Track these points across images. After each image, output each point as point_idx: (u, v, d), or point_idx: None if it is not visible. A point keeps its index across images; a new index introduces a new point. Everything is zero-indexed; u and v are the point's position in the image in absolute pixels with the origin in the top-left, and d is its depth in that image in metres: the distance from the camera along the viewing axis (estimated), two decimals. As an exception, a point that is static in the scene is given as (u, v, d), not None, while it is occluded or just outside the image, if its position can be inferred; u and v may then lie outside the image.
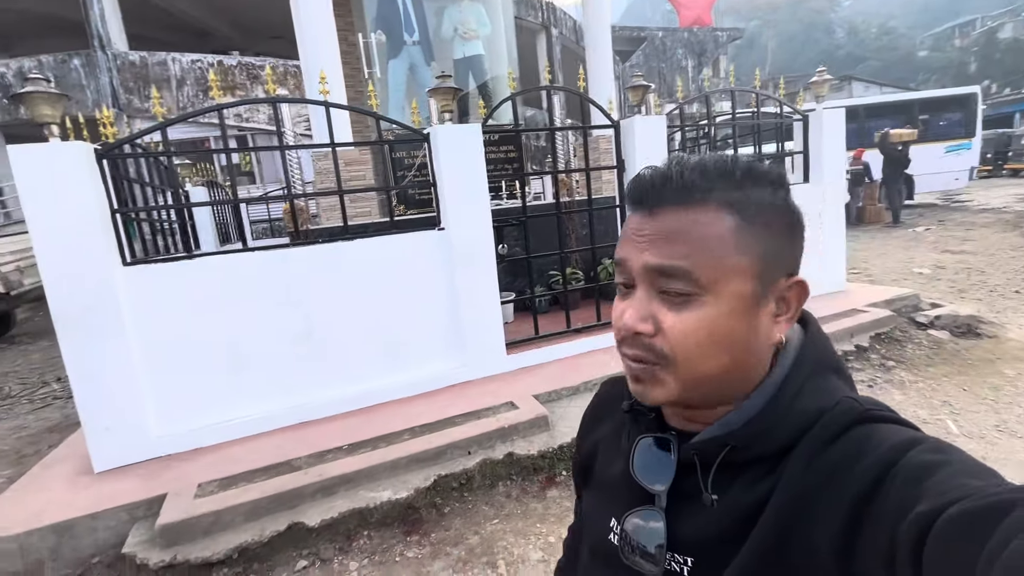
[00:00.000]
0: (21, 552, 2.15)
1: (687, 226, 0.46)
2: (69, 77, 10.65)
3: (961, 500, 0.32)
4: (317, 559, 2.18)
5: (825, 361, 0.50)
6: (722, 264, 0.45)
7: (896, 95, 14.10)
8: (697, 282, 0.45)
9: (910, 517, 0.34)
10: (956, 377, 3.27)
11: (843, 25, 53.11)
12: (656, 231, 0.46)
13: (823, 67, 4.40)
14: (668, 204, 0.47)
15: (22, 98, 2.38)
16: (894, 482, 0.37)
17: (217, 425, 2.80)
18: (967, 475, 0.35)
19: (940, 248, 7.32)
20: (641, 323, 0.47)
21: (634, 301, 0.48)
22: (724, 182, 0.46)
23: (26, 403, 4.99)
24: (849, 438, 0.42)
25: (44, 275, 2.40)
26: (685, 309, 0.45)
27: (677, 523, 0.49)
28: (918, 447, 0.39)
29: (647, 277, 0.47)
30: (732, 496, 0.46)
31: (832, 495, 0.40)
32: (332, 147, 2.94)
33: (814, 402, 0.46)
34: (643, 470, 0.52)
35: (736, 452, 0.47)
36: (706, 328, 0.45)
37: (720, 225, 0.45)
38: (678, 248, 0.45)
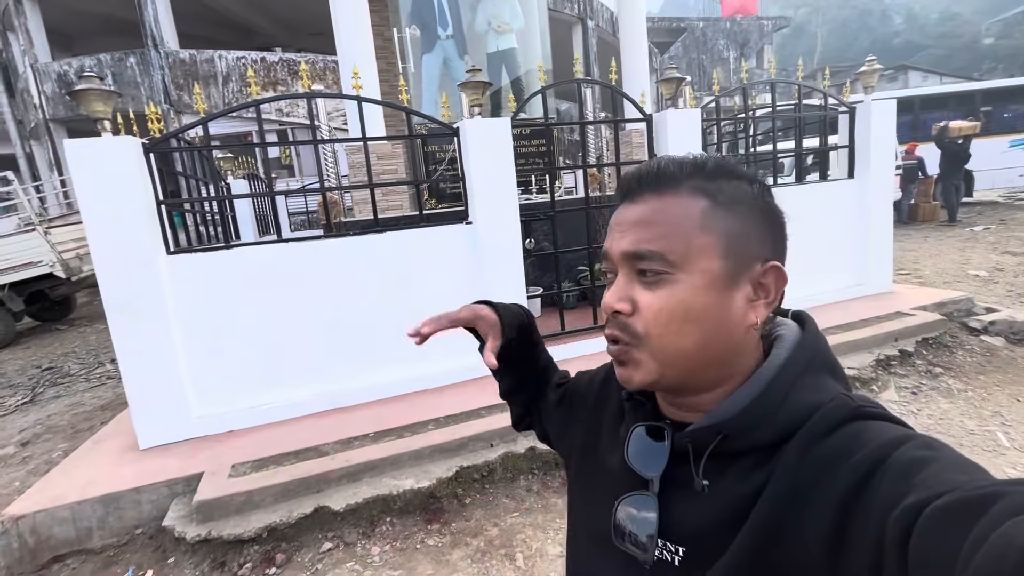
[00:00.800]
0: (73, 519, 2.31)
1: (659, 210, 0.49)
2: (125, 75, 11.23)
3: (946, 493, 0.33)
4: (341, 542, 2.25)
5: (821, 360, 0.50)
6: (690, 242, 0.47)
7: (955, 85, 13.24)
8: (667, 260, 0.47)
9: (898, 510, 0.34)
10: (1009, 387, 3.07)
11: (900, 11, 50.19)
12: (633, 219, 0.50)
13: (873, 56, 4.17)
14: (645, 192, 0.50)
15: (77, 95, 2.53)
16: (883, 477, 0.38)
17: (251, 409, 2.92)
18: (955, 470, 0.36)
19: (1000, 249, 6.85)
20: (619, 302, 0.49)
21: (615, 283, 0.51)
22: (697, 173, 0.50)
23: (83, 382, 5.33)
24: (842, 434, 0.43)
25: (96, 262, 2.56)
26: (658, 287, 0.48)
27: (669, 511, 0.50)
28: (908, 443, 0.39)
29: (625, 262, 0.50)
30: (724, 486, 0.47)
31: (823, 489, 0.41)
32: (364, 141, 2.99)
33: (808, 397, 0.47)
34: (637, 457, 0.54)
35: (729, 441, 0.48)
36: (677, 304, 0.47)
37: (689, 207, 0.48)
38: (650, 231, 0.48)
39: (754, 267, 0.49)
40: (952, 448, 0.39)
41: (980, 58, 39.83)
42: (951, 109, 10.84)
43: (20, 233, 7.05)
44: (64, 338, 7.43)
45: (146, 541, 2.34)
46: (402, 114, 5.84)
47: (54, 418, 4.24)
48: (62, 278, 7.22)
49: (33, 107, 12.54)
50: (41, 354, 6.63)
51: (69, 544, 2.32)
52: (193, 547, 2.21)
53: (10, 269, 6.91)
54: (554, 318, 3.69)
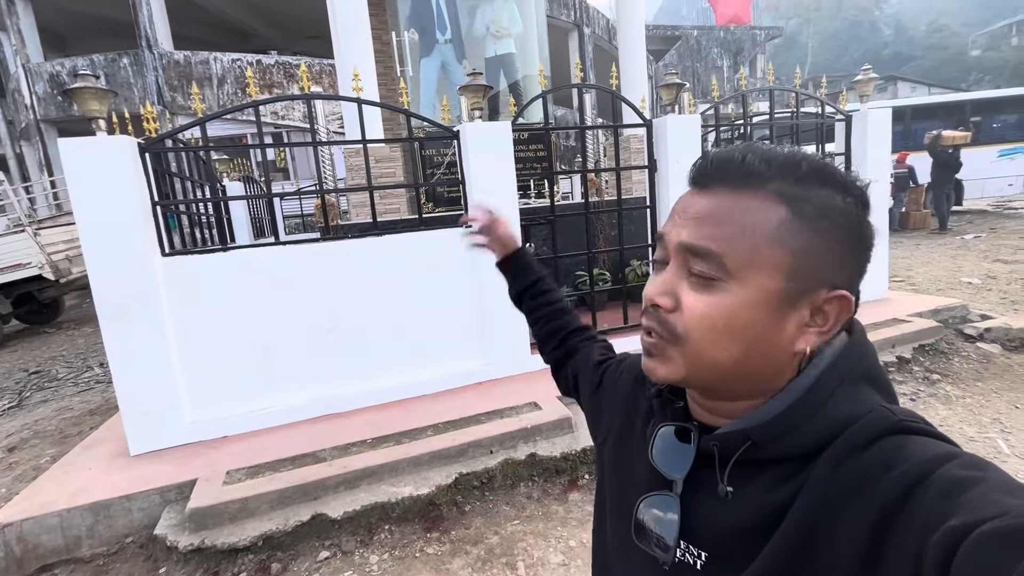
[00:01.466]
0: (62, 528, 2.25)
1: (731, 210, 0.45)
2: (118, 75, 11.14)
3: (996, 518, 0.31)
4: (339, 551, 2.21)
5: (863, 370, 0.47)
6: (755, 253, 0.44)
7: (946, 96, 13.45)
8: (724, 266, 0.44)
9: (940, 531, 0.33)
10: (1007, 393, 3.08)
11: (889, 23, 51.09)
12: (700, 211, 0.46)
13: (868, 65, 4.21)
14: (721, 185, 0.46)
15: (72, 93, 2.49)
16: (925, 495, 0.36)
17: (247, 414, 2.87)
18: (1004, 493, 0.34)
19: (991, 257, 6.93)
20: (661, 296, 0.47)
21: (663, 273, 0.48)
22: (787, 174, 0.44)
23: (71, 386, 5.23)
24: (881, 447, 0.41)
25: (88, 262, 2.51)
26: (707, 292, 0.45)
27: (693, 513, 0.49)
28: (953, 461, 0.37)
29: (679, 254, 0.47)
30: (750, 494, 0.46)
31: (859, 503, 0.39)
32: (363, 143, 2.97)
33: (845, 408, 0.44)
34: (661, 457, 0.52)
35: (757, 449, 0.46)
36: (723, 315, 0.44)
37: (767, 215, 0.44)
38: (715, 230, 0.45)
39: (819, 292, 0.44)
40: (1000, 469, 0.37)
41: (967, 70, 40.57)
42: (942, 119, 10.99)
43: (9, 234, 6.94)
44: (52, 341, 7.30)
45: (136, 550, 2.28)
46: (400, 119, 5.84)
47: (41, 423, 4.15)
48: (51, 280, 7.11)
49: (24, 107, 12.41)
50: (28, 357, 6.51)
51: (57, 553, 2.25)
52: (185, 556, 2.16)
53: (-2, 271, 6.80)
54: (553, 323, 3.66)
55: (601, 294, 4.07)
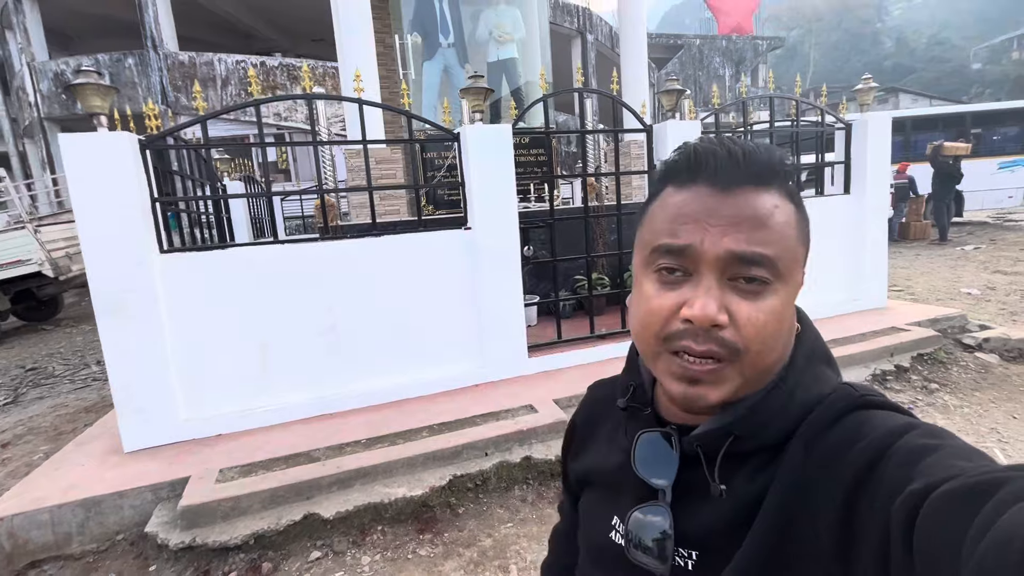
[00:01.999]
0: (52, 524, 2.23)
1: (769, 210, 0.44)
2: (123, 75, 11.19)
3: (951, 479, 0.33)
4: (330, 551, 2.19)
5: (819, 352, 0.50)
6: (794, 252, 0.45)
7: (947, 107, 13.51)
8: (777, 269, 0.44)
9: (903, 495, 0.34)
10: (1005, 404, 3.07)
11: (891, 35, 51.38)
12: (738, 214, 0.44)
13: (868, 75, 4.23)
14: (744, 184, 0.44)
15: (74, 89, 2.49)
16: (888, 464, 0.38)
17: (241, 413, 2.86)
18: (959, 457, 0.36)
19: (991, 268, 6.93)
20: (721, 313, 0.43)
21: (706, 289, 0.44)
22: (781, 168, 0.46)
23: (67, 383, 5.22)
24: (846, 423, 0.43)
25: (86, 258, 2.50)
26: (759, 299, 0.44)
27: (681, 517, 0.49)
28: (913, 431, 0.39)
29: (724, 265, 0.44)
30: (735, 486, 0.46)
31: (830, 479, 0.40)
32: (364, 144, 2.98)
33: (812, 390, 0.46)
34: (644, 465, 0.51)
35: (739, 442, 0.46)
36: (778, 318, 0.44)
37: (789, 212, 0.45)
38: (764, 232, 0.43)
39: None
40: (956, 436, 0.39)
41: (968, 82, 40.76)
42: (942, 130, 11.03)
43: (9, 231, 6.95)
44: (50, 338, 7.29)
45: (127, 548, 2.26)
46: (401, 122, 5.86)
47: (36, 419, 4.13)
48: (50, 277, 7.11)
49: (28, 105, 12.46)
50: (25, 354, 6.50)
51: (47, 549, 2.23)
52: (176, 555, 2.14)
53: (-2, 267, 6.80)
54: (550, 327, 3.66)
55: (599, 298, 4.07)
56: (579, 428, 0.68)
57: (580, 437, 0.68)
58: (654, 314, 0.46)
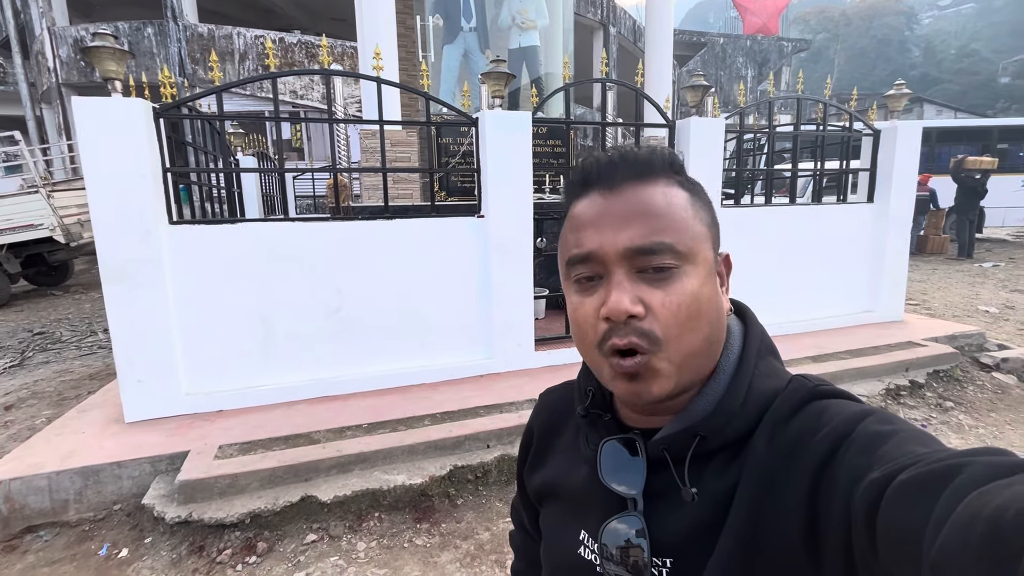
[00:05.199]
0: (50, 490, 2.23)
1: (655, 198, 0.45)
2: (142, 44, 11.16)
3: (910, 467, 0.33)
4: (326, 535, 2.17)
5: (767, 345, 0.51)
6: (692, 231, 0.46)
7: (973, 120, 13.21)
8: (677, 252, 0.44)
9: (863, 484, 0.35)
10: (1021, 427, 2.99)
11: (920, 44, 50.32)
12: (626, 210, 0.45)
13: (901, 80, 4.10)
14: (626, 182, 0.46)
15: (89, 52, 2.45)
16: (848, 451, 0.38)
17: (243, 390, 2.83)
18: (915, 443, 0.36)
19: (1010, 287, 6.78)
20: (635, 305, 0.44)
21: (616, 285, 0.45)
22: (668, 164, 0.48)
23: (74, 349, 5.24)
24: (804, 414, 0.44)
25: (95, 224, 2.47)
26: (668, 284, 0.44)
27: (653, 524, 0.48)
28: (869, 418, 0.40)
29: (626, 259, 0.45)
30: (704, 487, 0.46)
31: (794, 469, 0.41)
32: (380, 124, 2.92)
33: (767, 383, 0.47)
34: (612, 474, 0.50)
35: (703, 442, 0.46)
36: (692, 299, 0.44)
37: (678, 195, 0.47)
38: (654, 222, 0.45)
39: (717, 256, 0.49)
40: (909, 422, 0.40)
41: (995, 96, 39.90)
42: (967, 143, 10.80)
43: (23, 194, 6.97)
44: (58, 304, 7.34)
45: (123, 518, 2.25)
46: (418, 106, 5.78)
47: (41, 384, 4.15)
48: (61, 243, 7.14)
49: (47, 70, 12.45)
50: (34, 318, 6.54)
51: (44, 515, 2.23)
52: (172, 528, 2.12)
53: (10, 230, 6.83)
54: (558, 321, 3.61)
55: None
56: (536, 438, 0.65)
57: (538, 448, 0.65)
58: (582, 323, 0.47)
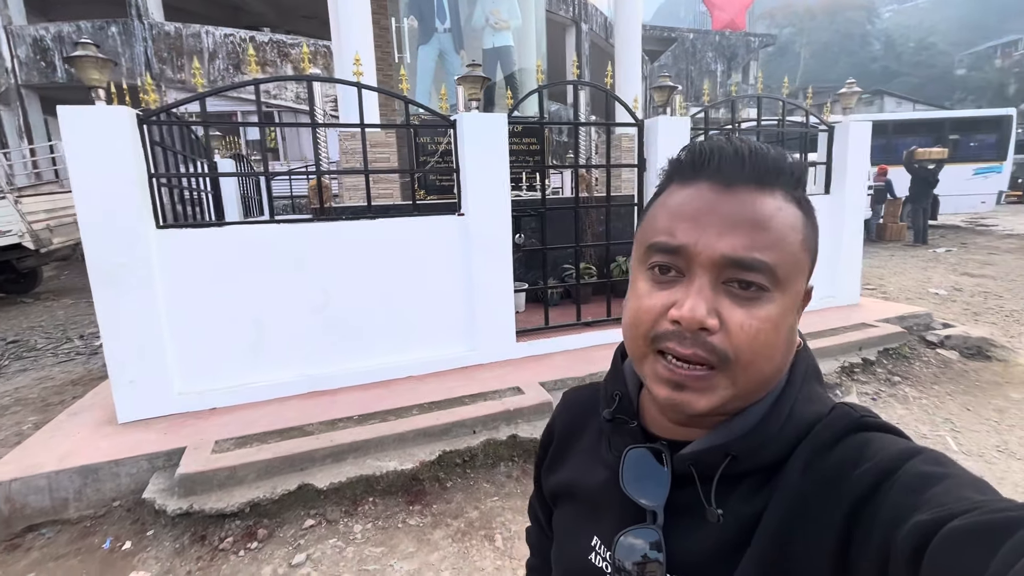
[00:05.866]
0: (50, 489, 2.29)
1: (771, 212, 0.42)
2: (106, 44, 10.86)
3: (966, 513, 0.31)
4: (324, 519, 2.29)
5: (813, 369, 0.49)
6: (796, 260, 0.43)
7: (926, 113, 13.86)
8: (775, 276, 0.41)
9: (908, 526, 0.33)
10: (961, 397, 3.28)
11: (880, 37, 52.03)
12: (736, 213, 0.42)
13: (852, 79, 4.37)
14: (747, 183, 0.42)
15: (73, 61, 2.50)
16: (892, 489, 0.36)
17: (235, 388, 2.92)
18: (969, 488, 0.35)
19: (959, 271, 7.23)
20: (710, 317, 0.41)
21: (697, 290, 0.42)
22: (792, 173, 0.44)
23: (50, 356, 5.19)
24: (847, 445, 0.42)
25: (83, 230, 2.53)
26: (753, 306, 0.41)
27: (672, 541, 0.45)
28: (918, 457, 0.38)
29: (719, 268, 0.42)
30: (730, 509, 0.44)
31: (829, 501, 0.39)
32: (361, 127, 3.02)
33: (809, 409, 0.45)
34: (634, 484, 0.48)
35: (735, 463, 0.44)
36: (773, 327, 0.42)
37: (793, 216, 0.43)
38: (763, 237, 0.41)
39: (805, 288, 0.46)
40: (961, 466, 0.38)
41: (952, 88, 41.61)
42: (922, 135, 11.36)
43: (-11, 201, 6.79)
44: (29, 311, 7.18)
45: (124, 513, 2.33)
46: (395, 105, 5.86)
47: (23, 391, 4.13)
48: (31, 249, 6.99)
49: (4, 71, 12.02)
50: (6, 327, 6.40)
51: (44, 513, 2.29)
52: (173, 520, 2.22)
53: (-24, 237, 6.66)
54: (538, 314, 3.77)
55: (586, 287, 4.19)
56: (556, 438, 0.64)
57: (558, 448, 0.63)
58: (644, 313, 0.44)
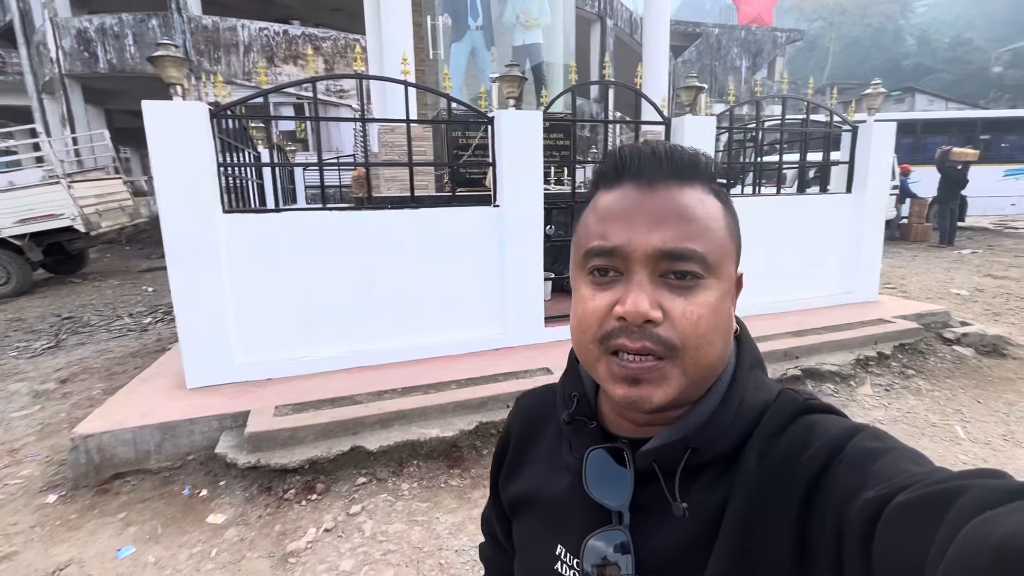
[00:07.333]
0: (134, 442, 2.59)
1: (693, 204, 0.44)
2: (146, 36, 11.30)
3: (908, 487, 0.33)
4: (374, 478, 2.55)
5: (756, 358, 0.50)
6: (723, 245, 0.45)
7: (956, 112, 13.60)
8: (707, 264, 0.43)
9: (859, 502, 0.35)
10: (972, 390, 3.41)
11: (913, 32, 50.53)
12: (661, 209, 0.44)
13: (878, 80, 4.46)
14: (667, 180, 0.45)
15: (154, 60, 2.76)
16: (840, 468, 0.38)
17: (288, 360, 3.20)
18: (909, 461, 0.37)
19: (983, 272, 7.22)
20: (654, 309, 0.42)
21: (637, 286, 0.43)
22: (709, 168, 0.47)
23: (104, 332, 5.57)
24: (794, 430, 0.43)
25: (162, 213, 2.81)
26: (691, 294, 0.43)
27: (640, 540, 0.46)
28: (859, 434, 0.40)
29: (654, 262, 0.43)
30: (693, 501, 0.44)
31: (785, 486, 0.41)
32: (407, 123, 3.25)
33: (757, 397, 0.46)
34: (597, 485, 0.48)
35: (695, 454, 0.45)
36: (713, 313, 0.43)
37: (714, 206, 0.45)
38: (690, 227, 0.43)
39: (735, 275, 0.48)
40: (898, 439, 0.40)
41: (988, 86, 40.29)
42: (952, 135, 11.19)
43: (44, 185, 7.23)
44: (79, 291, 7.64)
45: (197, 466, 2.63)
46: (425, 99, 6.09)
47: (86, 361, 4.49)
48: (81, 232, 7.42)
49: (49, 61, 12.55)
50: (59, 304, 6.84)
51: (129, 464, 2.59)
52: (243, 472, 2.50)
53: (33, 219, 7.11)
54: (564, 302, 3.98)
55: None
56: (513, 444, 0.63)
57: (515, 454, 0.62)
58: (589, 315, 0.45)
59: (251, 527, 2.26)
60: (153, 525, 2.27)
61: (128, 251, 11.11)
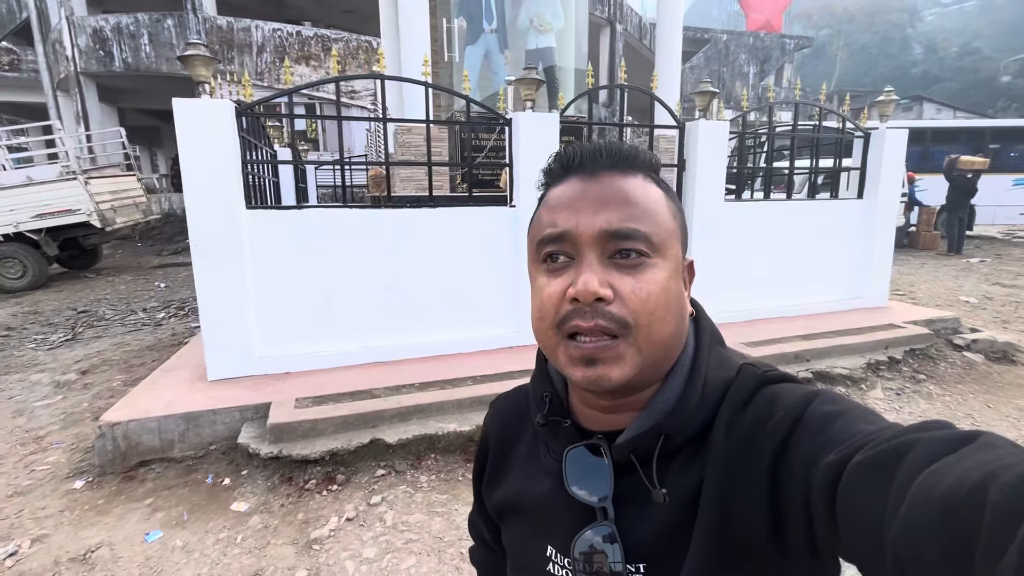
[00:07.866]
0: (159, 431, 2.65)
1: (634, 189, 0.47)
2: (162, 36, 11.45)
3: (862, 448, 0.35)
4: (393, 470, 2.60)
5: (715, 335, 0.52)
6: (666, 226, 0.47)
7: (965, 121, 13.59)
8: (652, 243, 0.45)
9: (820, 467, 0.36)
10: (983, 395, 3.43)
11: (921, 41, 50.49)
12: (604, 195, 0.46)
13: (891, 88, 4.49)
14: (607, 170, 0.48)
15: (184, 59, 2.84)
16: (802, 434, 0.40)
17: (307, 355, 3.25)
18: (862, 421, 0.39)
19: (992, 280, 7.22)
20: (604, 288, 0.44)
21: (587, 267, 0.45)
22: (648, 161, 0.50)
23: (119, 326, 5.65)
24: (757, 402, 0.45)
25: (188, 208, 2.87)
26: (639, 272, 0.45)
27: (626, 532, 0.47)
28: (816, 400, 0.42)
29: (600, 243, 0.46)
30: (671, 486, 0.46)
31: (753, 458, 0.42)
32: (427, 123, 3.31)
33: (720, 374, 0.48)
34: (579, 483, 0.49)
35: (668, 440, 0.46)
36: (661, 290, 0.45)
37: (656, 193, 0.48)
38: (632, 209, 0.46)
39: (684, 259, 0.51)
40: (852, 400, 0.43)
41: (996, 95, 40.19)
42: (961, 143, 11.19)
43: (62, 181, 7.33)
44: (93, 285, 7.73)
45: (220, 456, 2.68)
46: (440, 100, 6.17)
47: (105, 353, 4.56)
48: (97, 227, 7.52)
49: (65, 59, 12.72)
50: (74, 298, 6.93)
51: (154, 452, 2.65)
52: (265, 462, 2.55)
53: (50, 214, 7.21)
54: (577, 301, 4.02)
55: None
56: (491, 450, 0.64)
57: (495, 460, 0.63)
58: (546, 302, 0.46)
59: (274, 515, 2.31)
60: (179, 511, 2.33)
61: (140, 247, 11.23)
